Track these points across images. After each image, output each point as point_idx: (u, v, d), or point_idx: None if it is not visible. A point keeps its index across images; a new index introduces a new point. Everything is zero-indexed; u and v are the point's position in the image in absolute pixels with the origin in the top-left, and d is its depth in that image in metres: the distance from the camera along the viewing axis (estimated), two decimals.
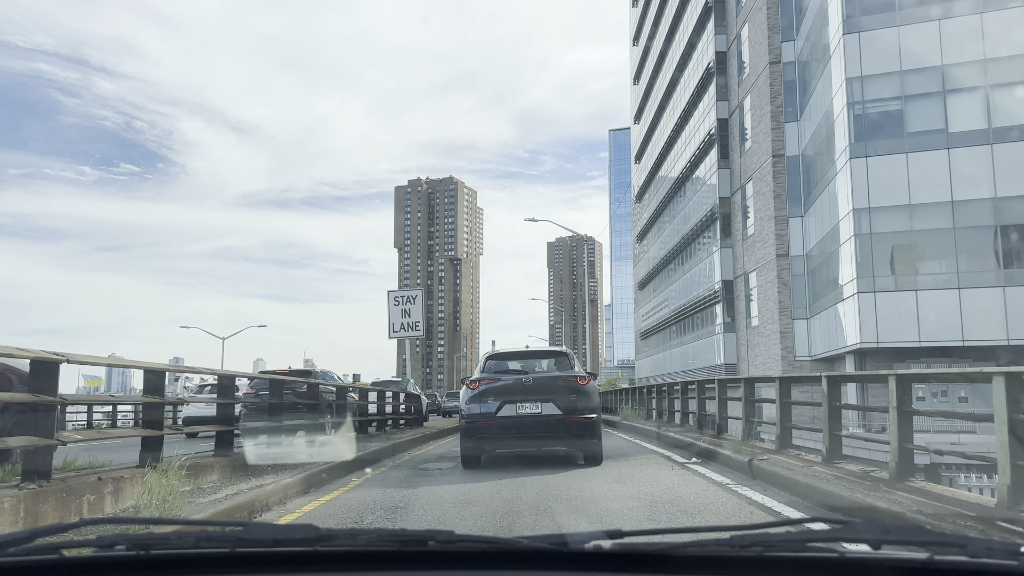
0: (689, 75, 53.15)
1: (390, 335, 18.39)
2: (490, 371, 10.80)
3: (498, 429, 10.13)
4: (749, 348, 42.32)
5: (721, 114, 46.33)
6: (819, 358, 35.78)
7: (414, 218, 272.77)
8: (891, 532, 1.46)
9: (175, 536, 1.51)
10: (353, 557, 1.53)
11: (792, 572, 1.44)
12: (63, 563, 1.46)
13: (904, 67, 28.92)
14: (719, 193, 45.91)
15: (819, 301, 35.25)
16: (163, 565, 1.50)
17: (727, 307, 45.30)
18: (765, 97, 39.35)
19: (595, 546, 1.47)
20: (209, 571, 1.50)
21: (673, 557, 1.46)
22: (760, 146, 40.11)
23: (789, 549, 1.44)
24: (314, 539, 1.48)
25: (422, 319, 18.09)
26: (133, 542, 1.49)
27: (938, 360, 27.13)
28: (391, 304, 18.25)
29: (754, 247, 41.45)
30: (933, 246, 28.43)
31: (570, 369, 10.78)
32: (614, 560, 1.48)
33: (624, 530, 1.52)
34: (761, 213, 39.94)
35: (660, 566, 1.47)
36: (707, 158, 48.91)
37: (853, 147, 29.42)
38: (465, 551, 1.51)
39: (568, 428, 10.17)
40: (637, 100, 76.07)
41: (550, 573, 1.49)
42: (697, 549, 1.45)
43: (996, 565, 1.35)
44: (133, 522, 2.52)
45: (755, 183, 41.03)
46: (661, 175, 64.40)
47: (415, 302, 18.16)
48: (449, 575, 1.51)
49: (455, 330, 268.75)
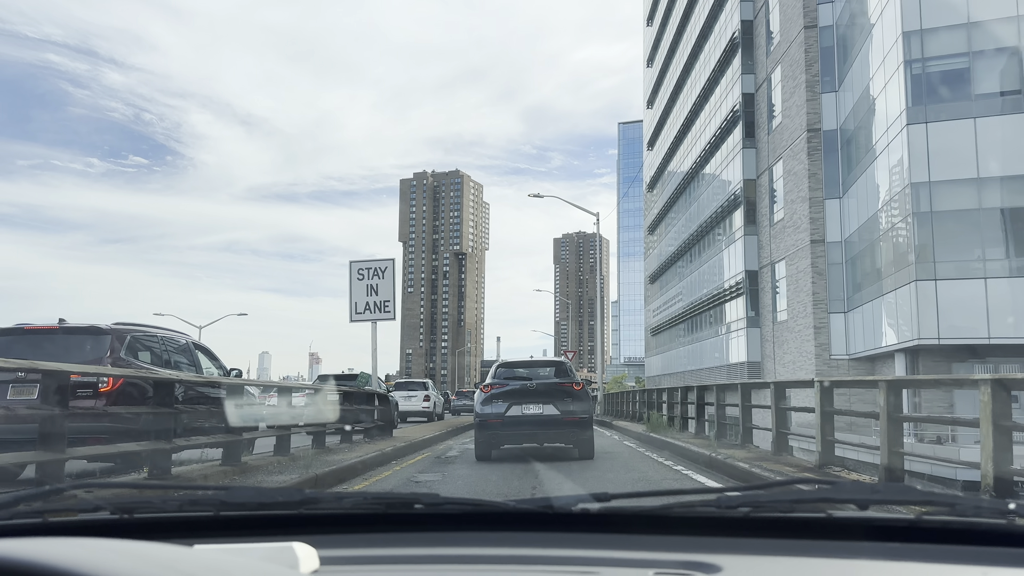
0: (710, 49, 49.02)
1: (352, 318, 14.36)
2: (500, 377, 12.38)
3: (507, 426, 11.76)
4: (776, 345, 38.30)
5: (747, 88, 42.23)
6: (859, 357, 31.75)
7: (419, 211, 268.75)
8: (879, 492, 1.47)
9: (159, 500, 1.55)
10: (339, 520, 1.55)
11: (780, 533, 1.43)
12: (46, 527, 1.46)
13: (972, 18, 24.81)
14: (743, 175, 41.84)
15: (861, 292, 31.20)
16: (147, 528, 1.50)
17: (750, 300, 41.25)
18: (799, 66, 35.27)
19: (582, 508, 1.46)
20: (194, 534, 1.48)
21: (660, 517, 1.47)
22: (792, 121, 36.04)
23: (776, 510, 1.44)
24: (299, 502, 1.50)
25: (394, 299, 14.06)
26: (117, 506, 1.51)
27: (1013, 360, 23.07)
28: (353, 278, 14.12)
29: (783, 233, 37.41)
30: (1006, 226, 24.34)
31: (567, 376, 12.46)
32: (600, 521, 1.48)
33: (611, 493, 1.51)
34: (793, 195, 35.88)
35: (646, 527, 1.47)
36: (729, 138, 44.81)
37: (910, 111, 25.34)
38: (451, 513, 1.53)
39: (565, 426, 11.83)
40: (650, 83, 71.90)
41: (536, 534, 1.49)
42: (684, 510, 1.46)
43: (984, 524, 1.35)
44: (118, 486, 2.44)
45: (785, 162, 36.96)
46: (676, 160, 60.27)
47: (384, 276, 14.00)
48: (435, 536, 1.50)
49: (459, 325, 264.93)
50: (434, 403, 30.04)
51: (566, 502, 1.46)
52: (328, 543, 1.38)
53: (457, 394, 46.36)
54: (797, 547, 1.39)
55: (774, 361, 38.36)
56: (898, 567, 1.30)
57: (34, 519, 1.46)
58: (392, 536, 1.51)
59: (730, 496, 1.46)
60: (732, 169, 43.99)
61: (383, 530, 1.52)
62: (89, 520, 1.51)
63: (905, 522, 1.39)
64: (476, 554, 1.42)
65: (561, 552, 1.41)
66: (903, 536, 1.38)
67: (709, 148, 49.15)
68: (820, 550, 1.37)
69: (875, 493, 1.46)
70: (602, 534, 1.46)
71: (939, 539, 1.36)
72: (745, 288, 41.40)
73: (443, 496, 1.51)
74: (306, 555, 1.14)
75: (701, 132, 51.59)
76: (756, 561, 1.34)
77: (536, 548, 1.43)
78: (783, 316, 37.81)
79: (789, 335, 36.42)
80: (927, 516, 1.39)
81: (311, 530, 1.49)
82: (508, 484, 9.01)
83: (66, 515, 1.51)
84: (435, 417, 29.88)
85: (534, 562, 1.37)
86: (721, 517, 1.44)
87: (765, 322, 39.93)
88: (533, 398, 11.83)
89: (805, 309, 34.20)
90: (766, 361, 39.57)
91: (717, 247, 47.52)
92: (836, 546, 1.38)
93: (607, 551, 1.40)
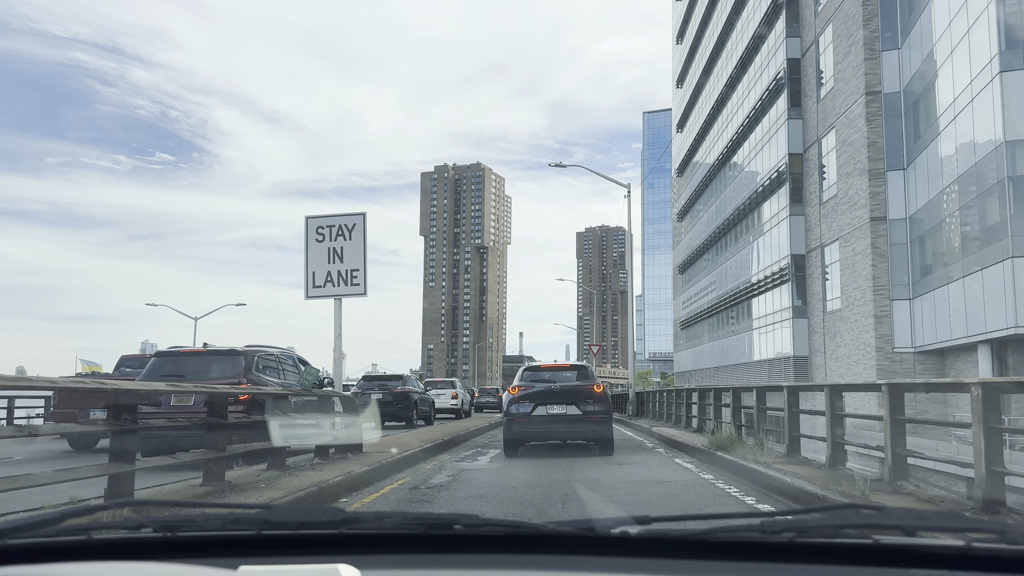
0: (748, 15, 44.87)
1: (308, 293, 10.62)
2: (527, 380, 13.55)
3: (533, 424, 12.88)
4: (827, 337, 34.30)
5: (792, 53, 38.13)
6: (927, 350, 27.74)
7: (440, 205, 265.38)
8: (926, 518, 1.43)
9: (201, 518, 1.55)
10: (379, 540, 1.55)
11: (825, 559, 1.41)
12: (91, 544, 1.46)
13: None
14: (788, 149, 37.77)
15: (931, 276, 27.15)
16: (190, 547, 1.49)
17: (796, 288, 37.22)
18: (855, 22, 31.18)
19: (622, 531, 1.45)
20: (236, 553, 1.48)
21: (702, 543, 1.44)
22: (847, 85, 31.95)
23: (822, 535, 1.42)
24: (340, 522, 1.51)
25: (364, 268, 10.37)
26: (160, 524, 1.49)
27: None
28: (311, 240, 10.22)
29: (836, 212, 33.39)
30: None
31: (588, 379, 13.49)
32: (642, 545, 1.47)
33: (651, 516, 1.50)
34: (848, 168, 31.82)
35: (689, 552, 1.44)
36: (772, 110, 40.72)
37: (1004, 57, 21.28)
38: (491, 535, 1.52)
39: (586, 424, 12.87)
40: (680, 61, 67.70)
41: (576, 557, 1.47)
42: (727, 535, 1.43)
43: None
44: (161, 504, 2.32)
45: (839, 131, 32.89)
46: (709, 140, 56.16)
47: (352, 236, 10.08)
48: (474, 558, 1.50)
49: (481, 320, 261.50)
50: (461, 400, 30.10)
51: (606, 525, 1.47)
52: (369, 563, 1.38)
53: (480, 391, 46.45)
54: (842, 574, 1.37)
55: (824, 355, 34.36)
56: None
57: (79, 536, 1.46)
58: (432, 558, 1.51)
59: (775, 521, 1.45)
60: (775, 144, 39.91)
61: (423, 550, 1.53)
62: (133, 539, 1.51)
63: (954, 549, 1.36)
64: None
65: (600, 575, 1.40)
66: (951, 564, 1.36)
67: (747, 124, 45.06)
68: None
69: (922, 519, 1.44)
70: (642, 558, 1.45)
71: (988, 567, 1.34)
72: (790, 274, 37.38)
73: (483, 518, 1.51)
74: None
75: (738, 107, 47.48)
76: None
77: (575, 572, 1.42)
78: (835, 304, 33.82)
79: (843, 326, 32.42)
80: (976, 544, 1.35)
81: (352, 550, 1.51)
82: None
83: (110, 532, 1.52)
84: (463, 414, 29.93)
85: None
86: (765, 542, 1.42)
87: (814, 311, 35.92)
88: (557, 399, 12.92)
89: (863, 296, 30.18)
90: (815, 355, 35.57)
91: (757, 231, 43.48)
92: (882, 573, 1.36)
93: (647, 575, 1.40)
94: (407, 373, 25.83)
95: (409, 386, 22.77)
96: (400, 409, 21.36)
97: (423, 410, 23.35)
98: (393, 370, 28.96)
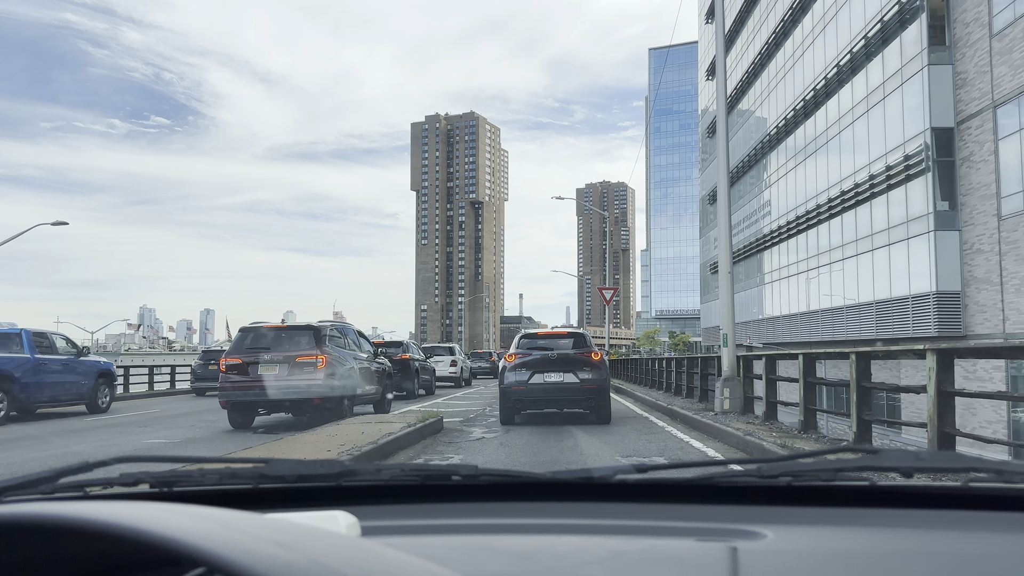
0: None
1: None
2: (523, 347, 13.35)
3: (530, 393, 12.88)
4: (1003, 258, 20.45)
5: None
6: None
7: (432, 158, 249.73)
8: (923, 459, 1.41)
9: (198, 473, 1.55)
10: (378, 491, 1.56)
11: (823, 502, 1.41)
12: (87, 500, 1.45)
13: None
14: None
15: None
16: (187, 502, 1.49)
17: (938, 182, 23.25)
18: None
19: (620, 479, 1.46)
20: (233, 506, 1.43)
21: (700, 488, 1.45)
22: None
23: (818, 479, 1.41)
24: (338, 474, 1.51)
25: None
26: (157, 479, 1.51)
27: None
28: None
29: (1012, 51, 19.40)
30: None
31: (585, 347, 13.30)
32: (640, 491, 1.48)
33: (649, 464, 1.50)
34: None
35: (687, 497, 1.46)
36: None
37: None
38: (488, 483, 1.53)
39: (583, 393, 12.82)
40: None
41: (575, 504, 1.48)
42: (725, 480, 1.44)
43: None
44: (159, 460, 2.08)
45: None
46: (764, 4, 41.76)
47: None
48: (474, 507, 1.51)
49: (476, 279, 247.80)
50: (460, 368, 29.08)
51: (605, 472, 1.47)
52: (368, 514, 1.39)
53: (471, 355, 41.79)
54: (840, 516, 1.37)
55: (1001, 288, 20.51)
56: (944, 535, 1.26)
57: (75, 493, 1.48)
58: (431, 507, 1.51)
59: (772, 465, 1.44)
60: None
61: (421, 500, 1.53)
62: (129, 493, 1.52)
63: (951, 489, 1.37)
64: (515, 523, 1.41)
65: (599, 521, 1.40)
66: (949, 504, 1.36)
67: None
68: (863, 519, 1.35)
69: (920, 461, 1.39)
70: (641, 503, 1.46)
71: (986, 507, 1.34)
72: (928, 162, 23.37)
73: (481, 467, 1.50)
74: (349, 524, 1.16)
75: None
76: (798, 530, 1.31)
77: (574, 517, 1.42)
78: (1013, 205, 19.98)
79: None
80: (973, 483, 1.36)
81: (349, 502, 1.51)
82: None
83: (107, 488, 1.53)
84: (462, 382, 29.06)
85: (573, 531, 1.36)
86: (763, 486, 1.43)
87: (970, 219, 22.01)
88: (554, 367, 12.86)
89: None
90: (975, 287, 21.74)
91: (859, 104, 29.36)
92: (880, 514, 1.36)
93: (646, 520, 1.40)
94: (407, 340, 25.03)
95: (410, 353, 21.84)
96: (401, 380, 19.54)
97: (424, 379, 22.50)
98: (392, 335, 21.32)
